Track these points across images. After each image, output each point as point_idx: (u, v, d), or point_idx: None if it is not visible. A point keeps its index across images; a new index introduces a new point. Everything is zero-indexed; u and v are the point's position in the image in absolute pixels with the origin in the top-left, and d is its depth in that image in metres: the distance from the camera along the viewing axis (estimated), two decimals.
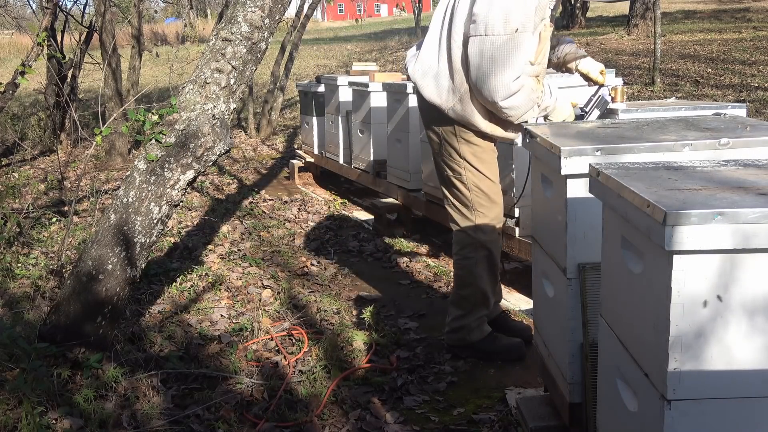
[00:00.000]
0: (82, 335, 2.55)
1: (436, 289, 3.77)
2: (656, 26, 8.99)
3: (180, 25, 24.18)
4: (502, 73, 2.57)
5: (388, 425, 2.42)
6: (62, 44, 8.14)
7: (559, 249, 2.02)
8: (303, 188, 6.51)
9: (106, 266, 2.57)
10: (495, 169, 2.89)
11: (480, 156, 2.84)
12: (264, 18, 2.67)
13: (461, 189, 2.87)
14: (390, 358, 2.91)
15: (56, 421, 2.22)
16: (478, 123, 2.76)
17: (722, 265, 1.26)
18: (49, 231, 4.44)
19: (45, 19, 6.34)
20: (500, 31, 2.54)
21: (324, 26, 35.97)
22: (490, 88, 2.60)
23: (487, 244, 2.87)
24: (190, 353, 2.82)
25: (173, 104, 2.63)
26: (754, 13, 15.84)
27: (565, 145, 1.88)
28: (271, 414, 2.43)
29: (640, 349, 1.43)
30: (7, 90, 5.15)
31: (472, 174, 2.84)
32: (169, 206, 2.65)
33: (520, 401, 2.37)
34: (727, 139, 1.85)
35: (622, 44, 12.97)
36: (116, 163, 7.40)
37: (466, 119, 2.76)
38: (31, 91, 10.50)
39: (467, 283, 2.90)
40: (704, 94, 7.89)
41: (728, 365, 1.29)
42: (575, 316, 1.96)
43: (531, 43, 2.60)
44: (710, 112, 2.56)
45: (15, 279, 3.52)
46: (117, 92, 7.42)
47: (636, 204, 1.35)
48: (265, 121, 9.00)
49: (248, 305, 3.41)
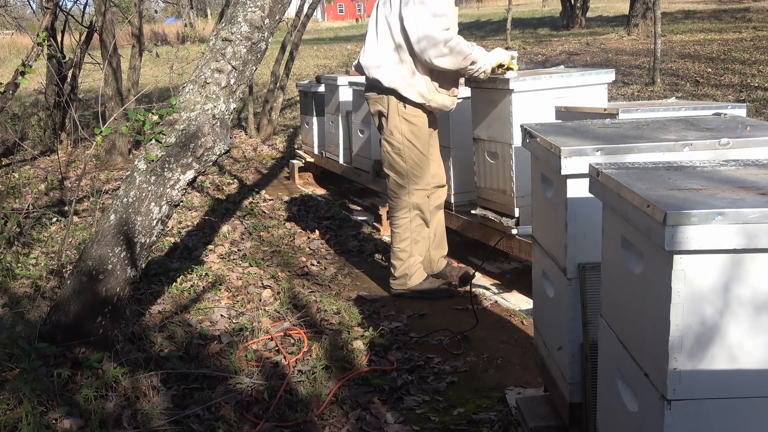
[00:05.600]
0: (83, 335, 2.55)
1: None
2: (656, 26, 8.99)
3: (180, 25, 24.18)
4: (437, 19, 3.27)
5: (388, 425, 2.42)
6: (62, 44, 8.13)
7: (559, 249, 2.02)
8: (303, 188, 6.51)
9: (106, 266, 2.57)
10: (427, 144, 3.58)
11: (416, 134, 3.51)
12: (264, 18, 2.68)
13: (399, 162, 3.54)
14: (390, 358, 2.91)
15: (56, 421, 2.22)
16: (423, 92, 3.42)
17: (722, 265, 1.26)
18: (50, 231, 4.44)
19: (45, 19, 6.33)
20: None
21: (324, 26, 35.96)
22: (428, 32, 3.26)
23: (420, 206, 3.58)
24: (190, 353, 2.82)
25: (173, 104, 2.63)
26: (754, 13, 15.84)
27: (565, 145, 1.88)
28: (271, 414, 2.43)
29: (640, 349, 1.43)
30: (8, 90, 5.15)
31: (409, 149, 3.51)
32: (169, 206, 2.65)
33: (520, 401, 2.37)
34: (727, 139, 1.86)
35: (622, 44, 12.97)
36: (116, 163, 7.40)
37: (414, 91, 3.41)
38: (31, 91, 10.50)
39: (403, 238, 3.59)
40: (704, 94, 7.89)
41: (728, 365, 1.29)
42: (575, 316, 1.96)
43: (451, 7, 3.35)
44: (710, 112, 2.56)
45: (15, 279, 3.51)
46: (117, 92, 7.41)
47: (636, 204, 1.35)
48: (266, 121, 9.00)
49: (248, 305, 3.41)
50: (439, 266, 3.77)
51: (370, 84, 3.57)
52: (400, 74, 3.41)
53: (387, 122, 3.52)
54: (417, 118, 3.50)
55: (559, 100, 3.33)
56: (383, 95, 3.49)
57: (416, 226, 3.60)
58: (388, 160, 3.58)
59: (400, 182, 3.57)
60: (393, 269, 3.66)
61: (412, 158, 3.52)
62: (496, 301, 3.56)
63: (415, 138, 3.51)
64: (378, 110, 3.55)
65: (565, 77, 3.44)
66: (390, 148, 3.54)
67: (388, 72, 3.42)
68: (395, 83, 3.42)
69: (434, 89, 3.45)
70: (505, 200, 3.52)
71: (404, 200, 3.57)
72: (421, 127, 3.52)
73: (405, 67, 3.40)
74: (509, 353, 2.98)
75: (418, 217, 3.59)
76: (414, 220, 3.59)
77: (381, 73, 3.44)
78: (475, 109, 3.68)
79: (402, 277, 3.63)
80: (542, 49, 13.34)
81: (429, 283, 3.65)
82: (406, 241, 3.60)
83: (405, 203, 3.57)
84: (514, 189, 3.43)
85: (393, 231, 3.67)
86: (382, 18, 3.46)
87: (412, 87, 3.42)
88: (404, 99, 3.45)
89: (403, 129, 3.49)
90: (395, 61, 3.41)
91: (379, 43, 3.45)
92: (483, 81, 3.48)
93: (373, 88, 3.54)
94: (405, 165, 3.53)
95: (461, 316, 3.39)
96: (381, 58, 3.44)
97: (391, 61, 3.41)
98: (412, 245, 3.60)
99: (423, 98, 3.44)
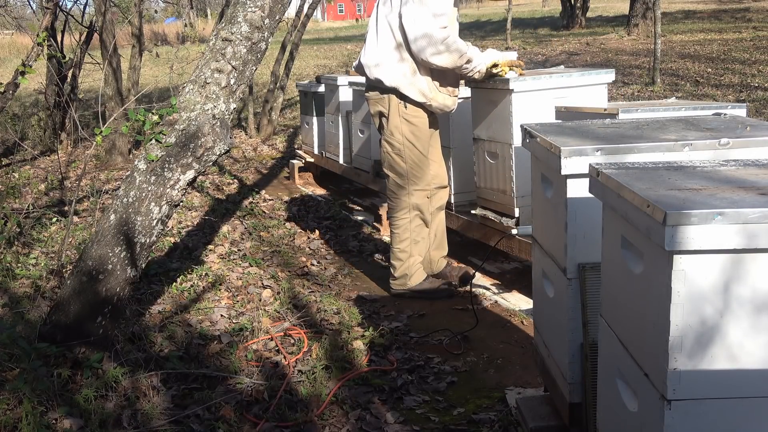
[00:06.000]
0: (83, 335, 2.55)
1: None
2: (656, 26, 8.99)
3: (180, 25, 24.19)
4: (436, 18, 3.27)
5: (388, 425, 2.42)
6: (62, 44, 8.13)
7: (559, 249, 2.02)
8: (303, 188, 6.51)
9: (106, 266, 2.57)
10: (427, 145, 3.57)
11: (417, 134, 3.51)
12: (264, 18, 2.68)
13: (399, 162, 3.54)
14: (390, 358, 2.91)
15: (56, 421, 2.22)
16: (424, 91, 3.42)
17: (722, 265, 1.26)
18: (50, 231, 4.43)
19: (45, 19, 6.34)
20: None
21: (324, 26, 35.96)
22: (426, 31, 3.27)
23: (419, 206, 3.58)
24: (190, 353, 2.82)
25: (173, 104, 2.63)
26: (754, 13, 15.84)
27: (565, 145, 1.88)
28: (271, 414, 2.43)
29: (640, 349, 1.43)
30: (8, 90, 5.15)
31: (409, 150, 3.51)
32: (169, 206, 2.65)
33: (520, 401, 2.37)
34: (727, 139, 1.86)
35: (622, 44, 12.97)
36: (117, 163, 7.40)
37: (416, 90, 3.42)
38: (31, 91, 10.50)
39: (403, 239, 3.60)
40: (704, 94, 7.88)
41: (728, 365, 1.29)
42: (575, 316, 1.96)
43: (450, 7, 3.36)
44: (710, 112, 2.56)
45: (15, 279, 3.51)
46: (117, 92, 7.41)
47: (636, 204, 1.35)
48: (266, 121, 8.99)
49: (248, 305, 3.41)
50: (439, 266, 3.78)
51: (370, 84, 3.56)
52: (401, 72, 3.41)
53: (388, 123, 3.52)
54: (418, 118, 3.50)
55: (559, 100, 3.33)
56: (384, 95, 3.49)
57: (416, 227, 3.60)
58: (388, 161, 3.58)
59: (400, 183, 3.57)
60: (393, 269, 3.66)
61: (412, 159, 3.52)
62: (496, 301, 3.56)
63: (415, 138, 3.51)
64: (378, 111, 3.55)
65: (565, 77, 3.44)
66: (390, 148, 3.55)
67: (389, 70, 3.42)
68: (397, 82, 3.42)
69: (435, 88, 3.45)
70: (505, 200, 3.52)
71: (404, 201, 3.58)
72: (422, 127, 3.53)
73: (406, 65, 3.40)
74: (509, 353, 2.98)
75: (417, 217, 3.60)
76: (414, 221, 3.59)
77: (382, 71, 3.44)
78: (475, 109, 3.68)
79: (402, 277, 3.64)
80: (542, 49, 13.34)
81: (429, 283, 3.65)
82: (406, 242, 3.60)
83: (405, 204, 3.58)
84: (514, 189, 3.43)
85: (392, 231, 3.67)
86: (382, 17, 3.46)
87: (413, 86, 3.42)
88: (405, 98, 3.44)
89: (404, 130, 3.49)
90: (396, 60, 3.41)
91: (379, 42, 3.45)
92: (479, 81, 3.48)
93: (374, 88, 3.54)
94: (405, 166, 3.53)
95: (461, 316, 3.39)
96: (381, 57, 3.44)
97: (392, 59, 3.41)
98: (412, 245, 3.61)
99: (424, 97, 3.44)
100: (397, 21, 3.39)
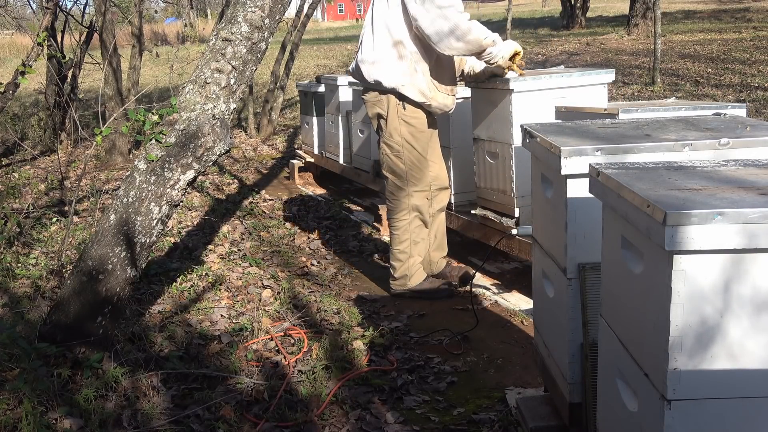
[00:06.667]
0: (83, 335, 2.55)
1: None
2: (656, 26, 8.99)
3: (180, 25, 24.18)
4: (448, 8, 3.23)
5: (388, 425, 2.42)
6: (62, 44, 8.13)
7: (559, 249, 2.02)
8: (303, 188, 6.51)
9: (106, 266, 2.57)
10: (426, 146, 3.57)
11: (415, 135, 3.51)
12: (264, 18, 2.68)
13: (398, 164, 3.54)
14: (390, 358, 2.91)
15: (56, 421, 2.22)
16: (424, 90, 3.41)
17: (722, 265, 1.26)
18: (50, 231, 4.43)
19: (45, 19, 6.33)
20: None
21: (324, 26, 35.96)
22: (445, 17, 3.22)
23: (419, 208, 3.58)
24: (190, 353, 2.82)
25: (173, 104, 2.63)
26: (754, 13, 15.85)
27: (565, 145, 1.88)
28: (271, 414, 2.43)
29: (640, 349, 1.43)
30: (8, 90, 5.15)
31: (408, 151, 3.51)
32: (169, 206, 2.65)
33: (520, 401, 2.37)
34: (727, 139, 1.86)
35: (622, 44, 12.97)
36: (117, 163, 7.40)
37: (416, 90, 3.41)
38: (31, 91, 10.50)
39: (402, 240, 3.60)
40: (704, 94, 7.88)
41: (728, 365, 1.29)
42: (575, 316, 1.96)
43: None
44: (710, 112, 2.56)
45: (15, 279, 3.51)
46: (117, 92, 7.41)
47: (636, 204, 1.35)
48: (266, 121, 9.00)
49: (248, 305, 3.41)
50: (439, 267, 3.78)
51: (368, 85, 3.55)
52: (400, 71, 3.39)
53: (386, 124, 3.51)
54: (416, 119, 3.49)
55: (559, 100, 3.33)
56: (383, 96, 3.48)
57: (415, 228, 3.60)
58: (387, 163, 3.57)
59: (399, 184, 3.57)
60: (392, 270, 3.67)
61: (411, 160, 3.52)
62: (496, 301, 3.56)
63: (414, 140, 3.51)
64: (377, 113, 3.54)
65: (565, 77, 3.44)
66: (389, 150, 3.54)
67: (388, 69, 3.41)
68: (396, 81, 3.40)
69: (435, 88, 3.44)
70: (505, 200, 3.52)
71: (403, 202, 3.57)
72: (421, 128, 3.52)
73: (405, 63, 3.39)
74: (509, 353, 2.98)
75: (417, 218, 3.60)
76: (413, 222, 3.59)
77: (380, 70, 3.42)
78: (475, 109, 3.68)
79: (402, 277, 3.64)
80: (542, 49, 13.34)
81: (429, 283, 3.65)
82: (406, 243, 3.60)
83: (404, 205, 3.58)
84: (514, 189, 3.43)
85: (392, 233, 3.67)
86: (378, 16, 3.45)
87: (413, 86, 3.41)
88: (405, 99, 3.44)
89: (403, 131, 3.49)
90: (394, 57, 3.40)
91: (375, 40, 3.44)
92: (485, 79, 3.46)
93: (372, 89, 3.52)
94: (404, 167, 3.53)
95: (461, 316, 3.39)
96: (378, 55, 3.42)
97: (390, 57, 3.40)
98: (412, 246, 3.60)
99: (424, 97, 3.43)
100: (395, 19, 3.37)
